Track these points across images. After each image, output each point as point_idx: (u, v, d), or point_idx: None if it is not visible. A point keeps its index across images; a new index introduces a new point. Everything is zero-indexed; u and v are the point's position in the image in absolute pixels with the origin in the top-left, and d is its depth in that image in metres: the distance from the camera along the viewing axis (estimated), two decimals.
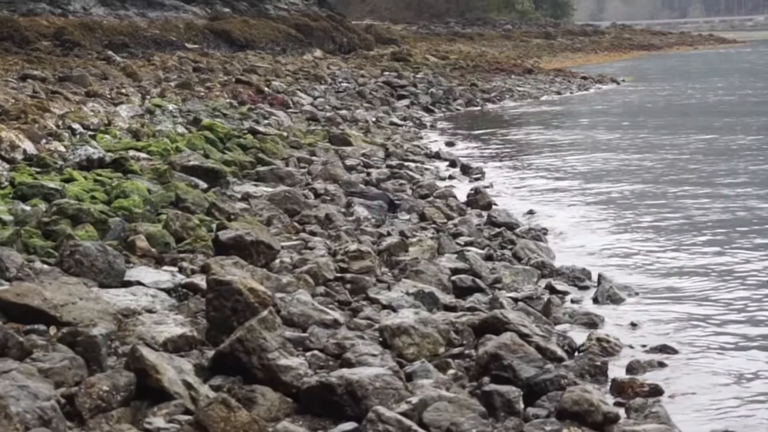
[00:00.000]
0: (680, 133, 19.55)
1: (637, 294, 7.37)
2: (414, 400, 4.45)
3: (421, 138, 18.85)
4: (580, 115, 25.33)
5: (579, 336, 6.20)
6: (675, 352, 5.90)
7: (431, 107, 25.38)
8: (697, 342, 6.24)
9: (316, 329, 5.44)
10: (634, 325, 6.59)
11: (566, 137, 19.53)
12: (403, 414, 4.32)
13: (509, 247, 8.68)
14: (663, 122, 21.97)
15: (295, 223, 8.62)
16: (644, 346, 6.04)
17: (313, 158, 12.84)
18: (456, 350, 5.53)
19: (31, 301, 4.93)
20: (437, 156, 15.63)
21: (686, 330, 6.51)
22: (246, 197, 9.39)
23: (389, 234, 8.50)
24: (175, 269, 6.47)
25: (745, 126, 20.35)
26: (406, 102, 25.09)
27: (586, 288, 7.52)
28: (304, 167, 12.07)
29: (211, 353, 4.84)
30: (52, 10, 25.23)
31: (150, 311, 5.43)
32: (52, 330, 4.85)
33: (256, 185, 10.19)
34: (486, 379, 5.02)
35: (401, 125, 20.58)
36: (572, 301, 7.23)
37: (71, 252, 5.91)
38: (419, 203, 10.32)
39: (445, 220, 9.71)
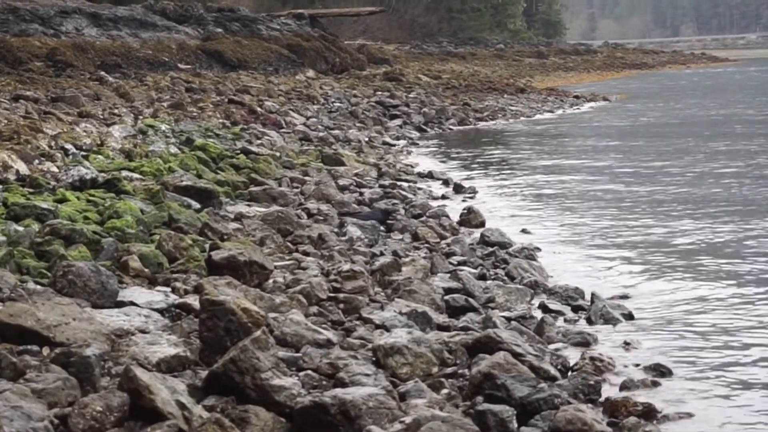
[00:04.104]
0: (673, 149, 19.60)
1: (630, 313, 7.36)
2: (407, 419, 4.45)
3: (414, 157, 18.88)
4: (572, 133, 25.37)
5: (572, 355, 6.20)
6: (669, 371, 5.90)
7: (424, 127, 25.42)
8: (692, 361, 6.24)
9: (310, 349, 5.44)
10: (627, 344, 6.58)
11: (559, 155, 19.56)
12: None
13: (502, 266, 8.68)
14: (654, 139, 22.00)
15: (288, 243, 8.62)
16: (638, 365, 6.04)
17: (306, 178, 12.85)
18: (449, 370, 5.54)
19: (24, 321, 4.92)
20: (430, 175, 15.64)
21: (680, 349, 6.51)
22: (239, 217, 9.40)
23: (382, 254, 8.51)
24: (168, 289, 6.46)
25: (737, 142, 20.39)
26: (398, 122, 25.12)
27: (579, 307, 7.51)
28: (296, 187, 12.09)
29: (204, 373, 4.84)
30: (44, 31, 25.19)
31: (143, 331, 5.42)
32: (46, 350, 4.84)
33: (249, 205, 10.19)
34: (479, 398, 5.02)
35: (394, 145, 20.62)
36: (565, 321, 7.23)
37: (64, 272, 5.90)
38: (412, 223, 10.33)
39: (438, 240, 9.72)
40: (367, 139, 20.19)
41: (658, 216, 11.81)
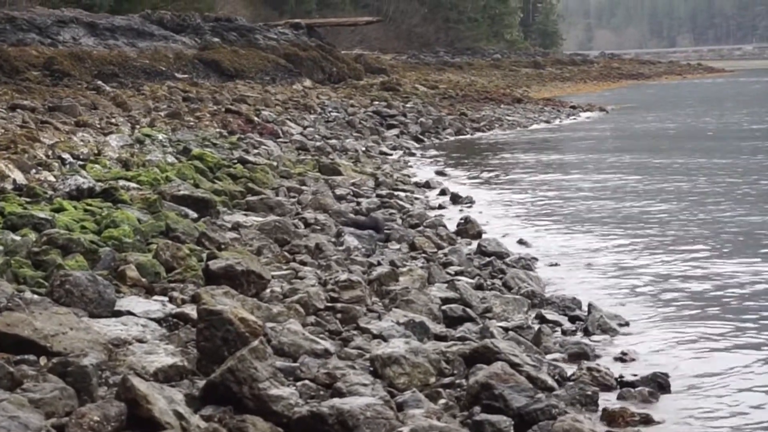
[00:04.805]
0: (670, 161, 19.61)
1: (627, 323, 7.37)
2: (405, 430, 4.44)
3: (411, 167, 18.90)
4: (569, 143, 25.38)
5: (570, 365, 6.20)
6: (666, 381, 5.90)
7: (421, 136, 25.42)
8: (689, 371, 6.25)
9: (307, 359, 5.44)
10: (624, 354, 6.58)
11: (556, 166, 19.57)
12: None
13: (499, 276, 8.68)
14: (650, 151, 22.02)
15: (286, 253, 8.61)
16: (635, 375, 6.04)
17: (303, 188, 12.84)
18: (447, 380, 5.53)
19: (21, 331, 4.92)
20: (427, 185, 15.65)
21: (678, 359, 6.52)
22: (236, 227, 9.39)
23: (379, 263, 8.50)
24: (166, 299, 6.45)
25: (734, 155, 20.42)
26: (395, 131, 25.13)
27: (576, 317, 7.51)
28: (294, 197, 12.08)
29: (201, 383, 4.83)
30: (41, 40, 25.22)
31: (140, 341, 5.41)
32: (43, 360, 4.83)
33: (246, 215, 10.18)
34: (477, 408, 5.02)
35: (391, 154, 20.63)
36: (563, 331, 7.23)
37: (61, 282, 5.89)
38: (409, 232, 10.32)
39: (435, 250, 9.72)
40: (364, 148, 20.21)
41: (655, 227, 11.81)
